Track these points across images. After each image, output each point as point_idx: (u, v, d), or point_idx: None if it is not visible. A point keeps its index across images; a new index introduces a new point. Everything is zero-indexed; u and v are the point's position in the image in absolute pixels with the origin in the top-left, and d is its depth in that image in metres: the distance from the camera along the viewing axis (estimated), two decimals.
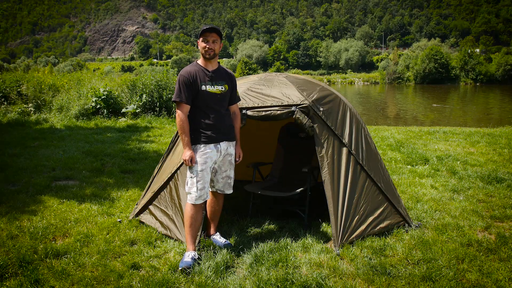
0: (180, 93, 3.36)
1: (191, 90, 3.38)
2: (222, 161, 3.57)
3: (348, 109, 4.09)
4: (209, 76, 3.44)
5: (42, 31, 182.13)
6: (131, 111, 11.81)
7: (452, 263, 3.26)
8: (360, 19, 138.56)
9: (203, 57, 3.48)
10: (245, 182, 5.08)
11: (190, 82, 3.37)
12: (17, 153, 7.16)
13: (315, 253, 3.46)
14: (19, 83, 13.39)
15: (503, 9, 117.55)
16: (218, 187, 3.66)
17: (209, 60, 3.46)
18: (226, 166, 3.60)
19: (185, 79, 3.37)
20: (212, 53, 3.42)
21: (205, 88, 3.41)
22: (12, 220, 4.20)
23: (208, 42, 3.40)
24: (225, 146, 3.53)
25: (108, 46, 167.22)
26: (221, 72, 3.54)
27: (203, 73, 3.44)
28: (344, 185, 3.70)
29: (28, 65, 74.89)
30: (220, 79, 3.50)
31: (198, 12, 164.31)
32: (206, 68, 3.47)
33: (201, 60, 3.52)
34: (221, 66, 3.62)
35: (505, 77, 60.22)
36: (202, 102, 3.42)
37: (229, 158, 3.59)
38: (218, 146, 3.47)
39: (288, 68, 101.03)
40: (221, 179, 3.62)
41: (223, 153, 3.52)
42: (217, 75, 3.49)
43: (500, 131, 9.69)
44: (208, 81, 3.43)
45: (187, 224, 3.42)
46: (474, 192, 5.04)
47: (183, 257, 3.33)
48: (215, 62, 3.52)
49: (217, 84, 3.47)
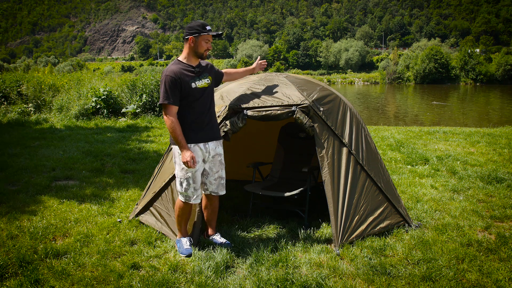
0: (167, 94, 3.22)
1: (178, 90, 3.27)
2: (212, 162, 3.51)
3: (348, 109, 4.08)
4: (196, 72, 3.38)
5: (42, 31, 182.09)
6: (131, 111, 11.81)
7: (452, 263, 3.26)
8: (360, 19, 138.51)
9: (195, 55, 3.38)
10: (245, 182, 5.08)
11: (177, 82, 3.25)
12: (17, 153, 7.16)
13: (315, 253, 3.46)
14: (19, 83, 13.39)
15: (503, 9, 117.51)
16: (212, 189, 3.59)
17: (199, 58, 3.42)
18: (217, 166, 3.55)
19: (171, 79, 3.24)
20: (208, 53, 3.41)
21: (195, 85, 3.34)
22: (12, 220, 4.20)
23: (208, 42, 3.37)
24: (213, 146, 3.49)
25: (108, 46, 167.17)
26: (203, 65, 3.49)
27: (189, 70, 3.35)
28: (344, 185, 3.70)
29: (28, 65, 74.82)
30: (204, 72, 3.45)
31: (198, 12, 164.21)
32: (190, 64, 3.38)
33: (184, 57, 3.40)
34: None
35: (505, 77, 60.20)
36: (192, 99, 3.33)
37: (219, 158, 3.54)
38: (206, 146, 3.44)
39: (288, 68, 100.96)
40: (213, 181, 3.56)
41: (211, 153, 3.48)
42: (201, 69, 3.44)
43: (500, 131, 9.68)
44: (196, 77, 3.36)
45: (176, 214, 3.51)
46: (474, 192, 5.04)
47: (181, 245, 3.47)
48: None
49: (203, 78, 3.42)
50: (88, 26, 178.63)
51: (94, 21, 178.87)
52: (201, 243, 3.66)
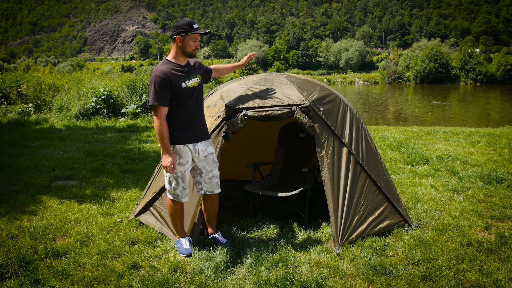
0: (157, 95, 3.18)
1: (168, 90, 3.22)
2: (205, 161, 3.48)
3: (348, 109, 4.08)
4: (185, 71, 3.34)
5: (42, 31, 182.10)
6: (131, 111, 11.81)
7: (452, 263, 3.26)
8: (360, 19, 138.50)
9: (184, 54, 3.34)
10: (245, 182, 5.08)
11: (167, 82, 3.20)
12: (17, 153, 7.16)
13: (315, 253, 3.46)
14: (19, 83, 13.38)
15: (503, 9, 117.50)
16: (207, 188, 3.55)
17: (188, 57, 3.39)
18: (210, 165, 3.52)
19: (161, 80, 3.19)
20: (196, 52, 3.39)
21: (185, 85, 3.31)
22: (12, 220, 4.20)
23: (196, 41, 3.33)
24: (203, 146, 3.45)
25: (108, 46, 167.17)
26: (191, 64, 3.45)
27: (178, 70, 3.31)
28: (344, 185, 3.70)
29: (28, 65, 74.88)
30: (193, 70, 3.42)
31: (198, 12, 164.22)
32: (179, 64, 3.34)
33: (172, 56, 3.35)
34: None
35: (505, 77, 60.21)
36: (182, 99, 3.31)
37: (211, 157, 3.51)
38: (196, 146, 3.42)
39: (288, 68, 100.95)
40: (208, 180, 3.53)
41: (203, 153, 3.45)
42: (190, 68, 3.40)
43: (500, 131, 9.68)
44: (185, 77, 3.33)
45: (169, 213, 3.53)
46: (474, 192, 5.04)
47: (181, 245, 3.48)
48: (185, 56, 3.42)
49: (193, 77, 3.39)
50: (88, 26, 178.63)
51: (94, 21, 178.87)
52: (201, 243, 3.66)
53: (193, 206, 3.72)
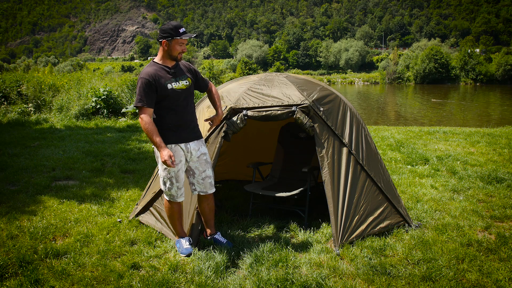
0: (141, 97, 3.20)
1: (154, 92, 3.23)
2: (198, 162, 3.48)
3: (348, 109, 4.08)
4: (171, 73, 3.35)
5: (42, 31, 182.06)
6: (131, 111, 11.81)
7: (452, 263, 3.26)
8: (360, 19, 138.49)
9: (170, 58, 3.35)
10: (245, 182, 5.08)
11: (153, 84, 3.22)
12: (17, 153, 7.16)
13: (315, 253, 3.46)
14: (19, 83, 13.38)
15: (503, 9, 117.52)
16: (200, 188, 3.54)
17: (173, 61, 3.38)
18: (203, 166, 3.51)
19: (146, 82, 3.21)
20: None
21: (171, 86, 3.30)
22: (12, 220, 4.20)
23: (182, 45, 3.33)
24: (195, 146, 3.45)
25: (108, 46, 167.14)
26: (180, 67, 3.45)
27: (164, 72, 3.32)
28: (344, 185, 3.70)
29: (28, 65, 74.85)
30: (181, 73, 3.42)
31: (198, 12, 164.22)
32: (166, 66, 3.36)
33: (159, 58, 3.38)
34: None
35: (505, 77, 60.26)
36: (170, 101, 3.31)
37: (204, 157, 3.51)
38: (188, 146, 3.41)
39: (288, 68, 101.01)
40: (201, 180, 3.52)
41: (195, 153, 3.45)
42: (177, 70, 3.40)
43: (500, 131, 9.68)
44: (172, 79, 3.33)
45: (167, 214, 3.56)
46: (474, 192, 5.04)
47: (181, 245, 3.50)
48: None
49: (181, 79, 3.38)
50: (88, 26, 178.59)
51: (94, 21, 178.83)
52: (201, 243, 3.66)
53: (192, 206, 3.72)
